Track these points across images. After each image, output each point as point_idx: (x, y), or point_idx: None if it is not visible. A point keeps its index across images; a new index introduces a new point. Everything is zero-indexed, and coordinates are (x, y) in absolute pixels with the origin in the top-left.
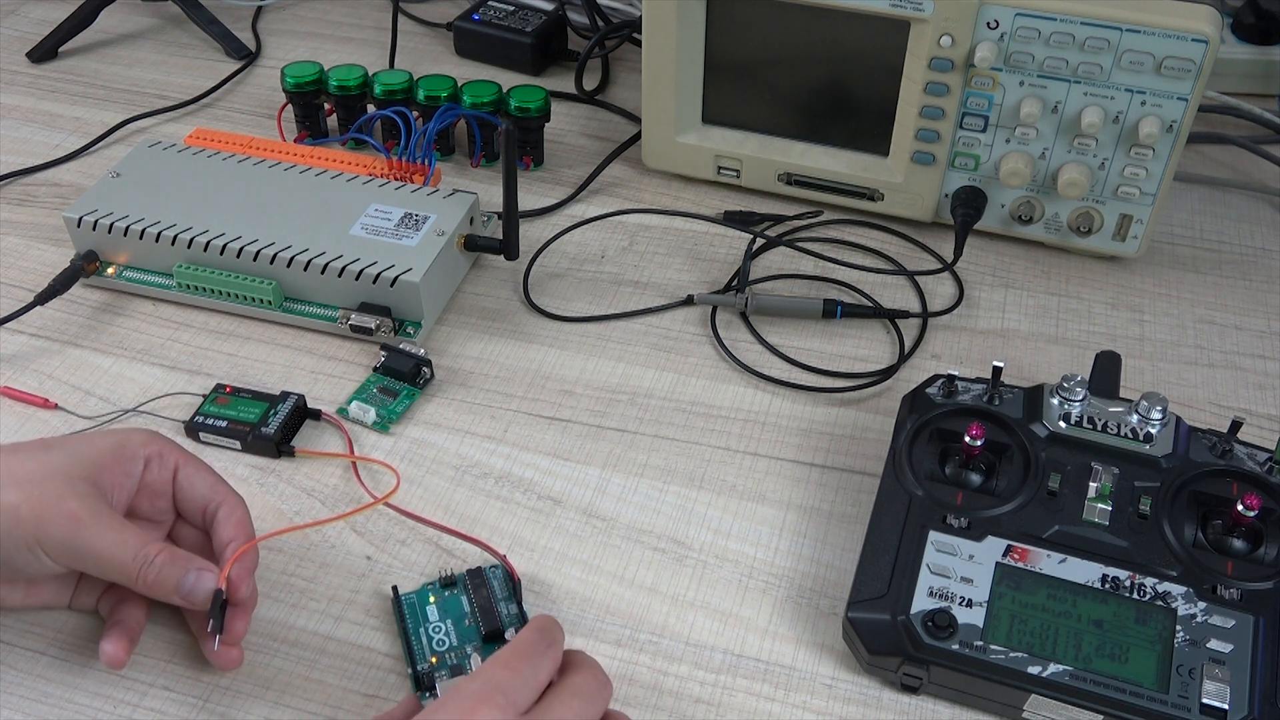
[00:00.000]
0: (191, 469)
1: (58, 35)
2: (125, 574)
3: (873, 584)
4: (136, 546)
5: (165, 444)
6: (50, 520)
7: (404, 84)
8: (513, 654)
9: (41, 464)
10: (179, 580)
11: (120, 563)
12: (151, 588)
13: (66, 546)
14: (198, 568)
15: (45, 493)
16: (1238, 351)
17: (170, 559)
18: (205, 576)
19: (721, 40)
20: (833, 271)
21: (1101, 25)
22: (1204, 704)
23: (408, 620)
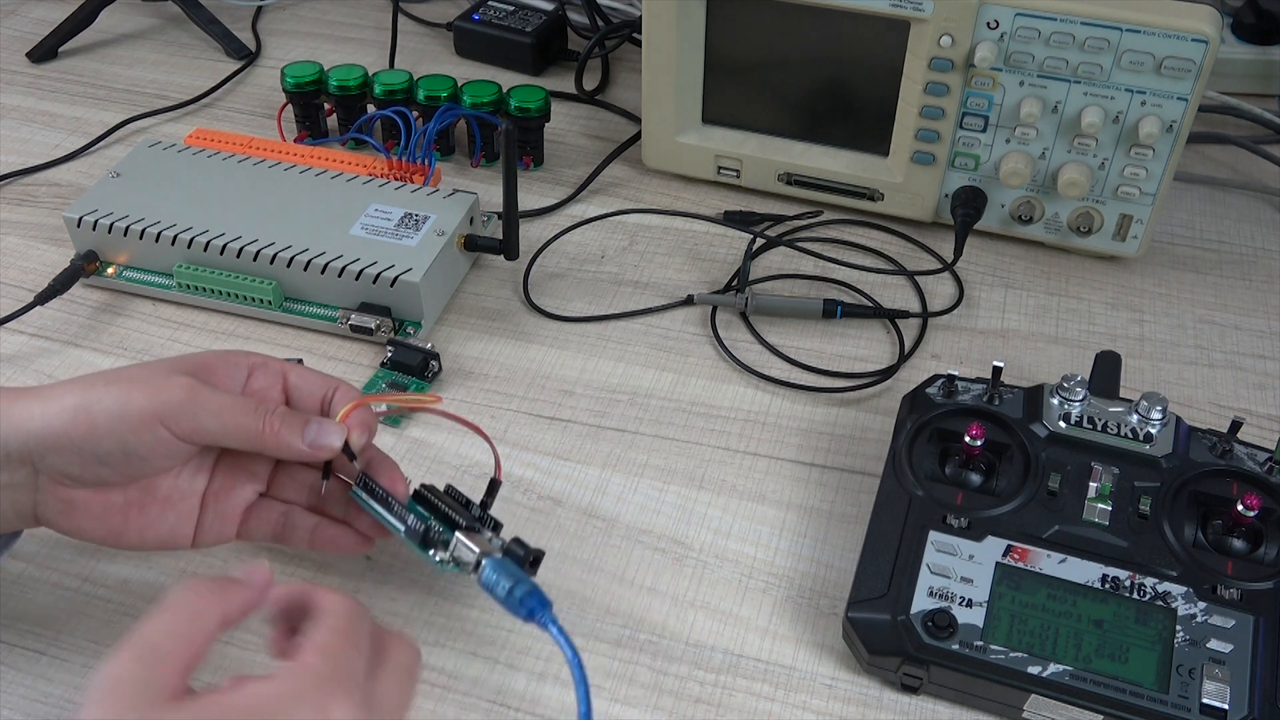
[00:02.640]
0: (300, 370)
1: (58, 35)
2: (251, 427)
3: (873, 584)
4: (254, 402)
5: (267, 356)
6: (165, 393)
7: (404, 84)
8: (342, 636)
9: (140, 366)
10: (304, 427)
11: (244, 415)
12: (279, 436)
13: (186, 411)
14: (316, 419)
15: (153, 375)
16: (1238, 351)
17: (290, 411)
18: (327, 422)
19: (721, 40)
20: (833, 271)
21: (1101, 25)
22: (1204, 704)
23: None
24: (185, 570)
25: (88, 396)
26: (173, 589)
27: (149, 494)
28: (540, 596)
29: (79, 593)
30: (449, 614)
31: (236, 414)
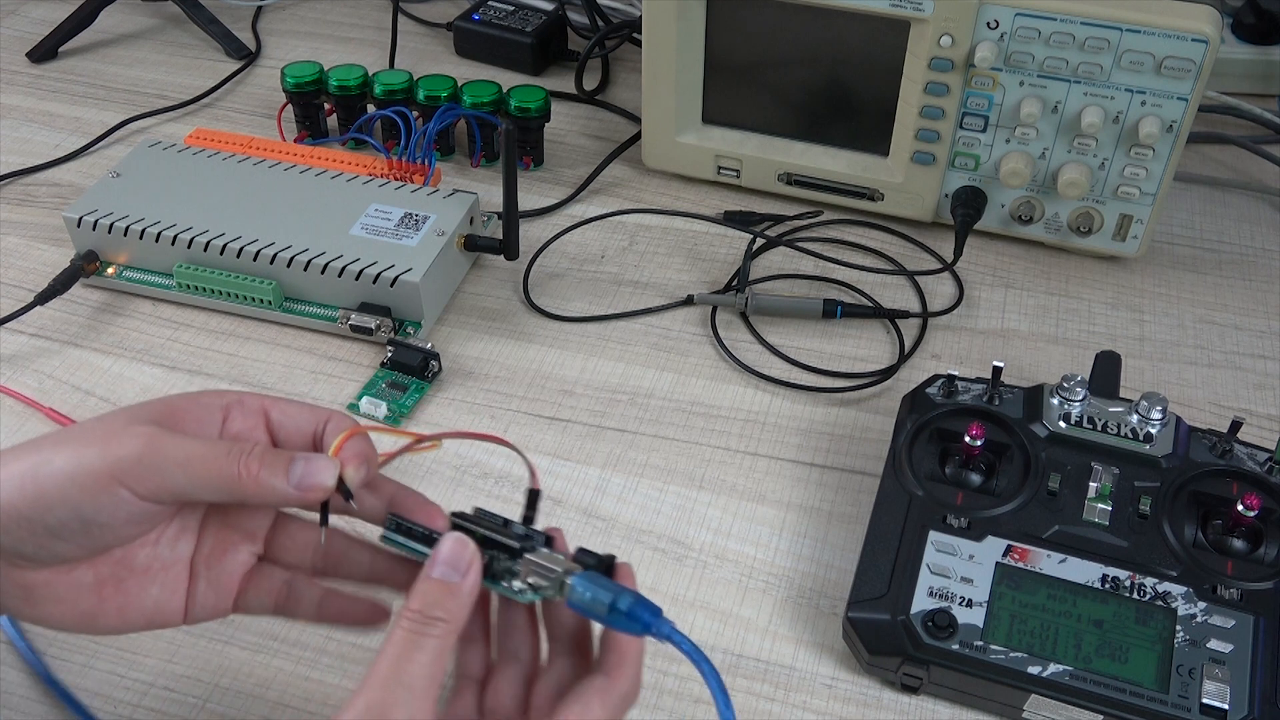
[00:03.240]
0: (283, 404)
1: (58, 35)
2: (225, 474)
3: (873, 584)
4: (227, 444)
5: (244, 393)
6: (120, 447)
7: (404, 84)
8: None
9: (95, 421)
10: (289, 467)
11: (215, 461)
12: (259, 482)
13: (147, 465)
14: (304, 457)
15: (108, 429)
16: (1238, 351)
17: (272, 451)
18: (317, 459)
19: (721, 40)
20: (833, 271)
21: (1101, 25)
22: (1204, 704)
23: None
24: None
25: (34, 460)
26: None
27: (124, 567)
28: (648, 604)
29: None
30: None
31: (206, 461)
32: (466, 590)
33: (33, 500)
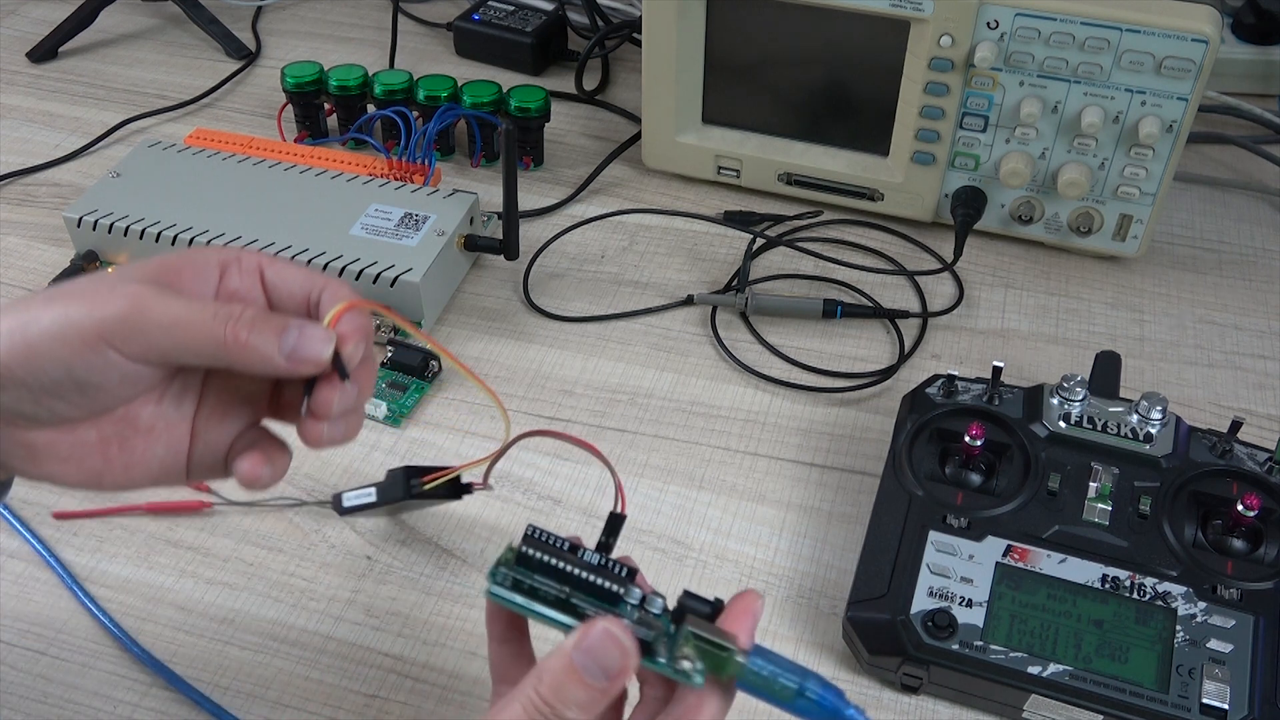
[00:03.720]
0: (280, 265)
1: (58, 35)
2: (211, 336)
3: (873, 584)
4: (216, 306)
5: (241, 251)
6: (106, 306)
7: (404, 84)
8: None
9: (86, 279)
10: (280, 336)
11: (202, 325)
12: (247, 349)
13: (132, 326)
14: (298, 324)
15: (99, 287)
16: (1238, 351)
17: (263, 314)
18: (310, 328)
19: (721, 40)
20: (833, 271)
21: (1101, 25)
22: (1204, 704)
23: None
24: (186, 570)
25: (23, 318)
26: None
27: (128, 426)
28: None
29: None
30: (449, 614)
31: (193, 325)
32: (607, 696)
33: (23, 359)
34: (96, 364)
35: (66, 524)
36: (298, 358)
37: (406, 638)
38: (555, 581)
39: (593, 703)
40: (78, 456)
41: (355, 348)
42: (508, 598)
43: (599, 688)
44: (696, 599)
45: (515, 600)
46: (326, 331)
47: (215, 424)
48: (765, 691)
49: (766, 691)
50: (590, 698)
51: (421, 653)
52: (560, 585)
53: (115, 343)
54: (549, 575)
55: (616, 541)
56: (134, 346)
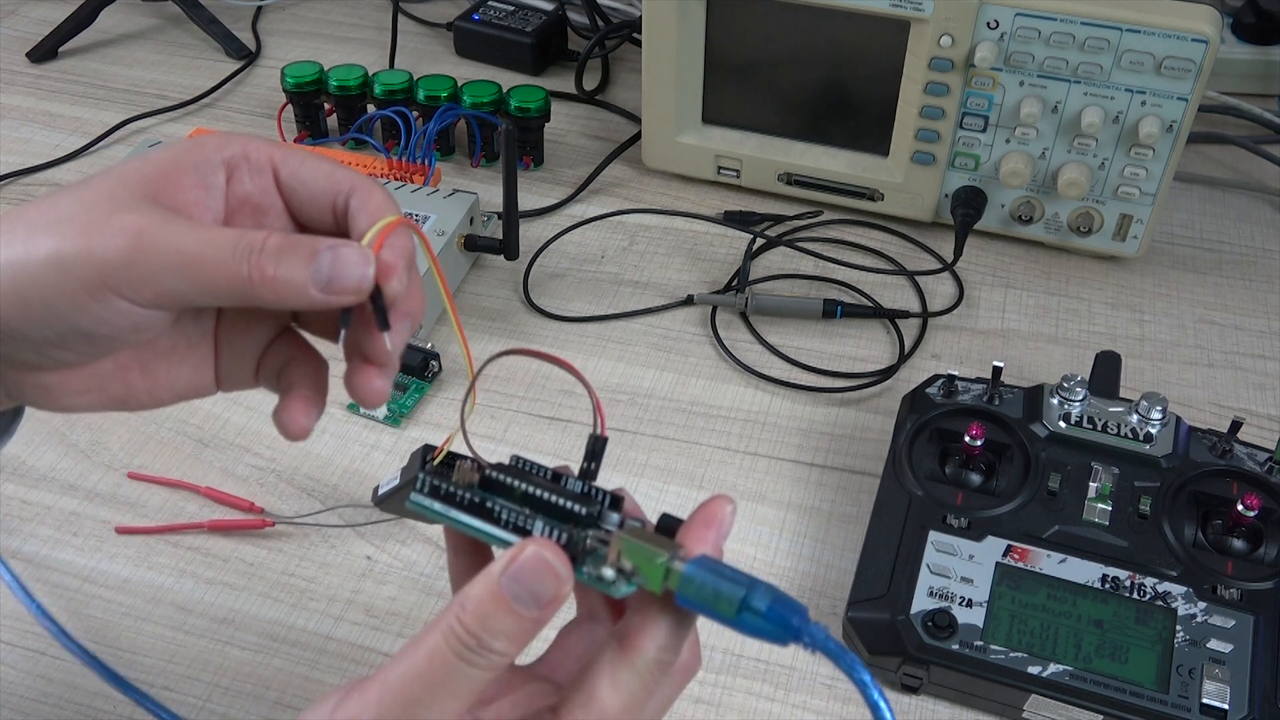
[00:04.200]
0: (296, 162)
1: (58, 35)
2: (232, 275)
3: (873, 584)
4: (234, 236)
5: (250, 141)
6: (104, 245)
7: (404, 84)
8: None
9: (76, 198)
10: (311, 264)
11: (218, 261)
12: (275, 284)
13: (137, 270)
14: (329, 245)
15: (90, 220)
16: (1238, 351)
17: (289, 240)
18: (345, 251)
19: (721, 40)
20: (833, 271)
21: (1101, 25)
22: (1204, 704)
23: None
24: (186, 570)
25: (8, 258)
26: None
27: (148, 350)
28: (790, 601)
29: (79, 593)
30: None
31: (209, 263)
32: (539, 625)
33: (18, 313)
34: (103, 314)
35: (66, 522)
36: (335, 287)
37: (406, 638)
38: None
39: (522, 633)
40: (96, 388)
41: (399, 278)
42: (428, 506)
43: (530, 617)
44: (676, 521)
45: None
46: (364, 251)
47: (240, 336)
48: (709, 606)
49: (710, 607)
50: (520, 628)
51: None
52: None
53: (122, 290)
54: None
55: (600, 466)
56: (144, 292)
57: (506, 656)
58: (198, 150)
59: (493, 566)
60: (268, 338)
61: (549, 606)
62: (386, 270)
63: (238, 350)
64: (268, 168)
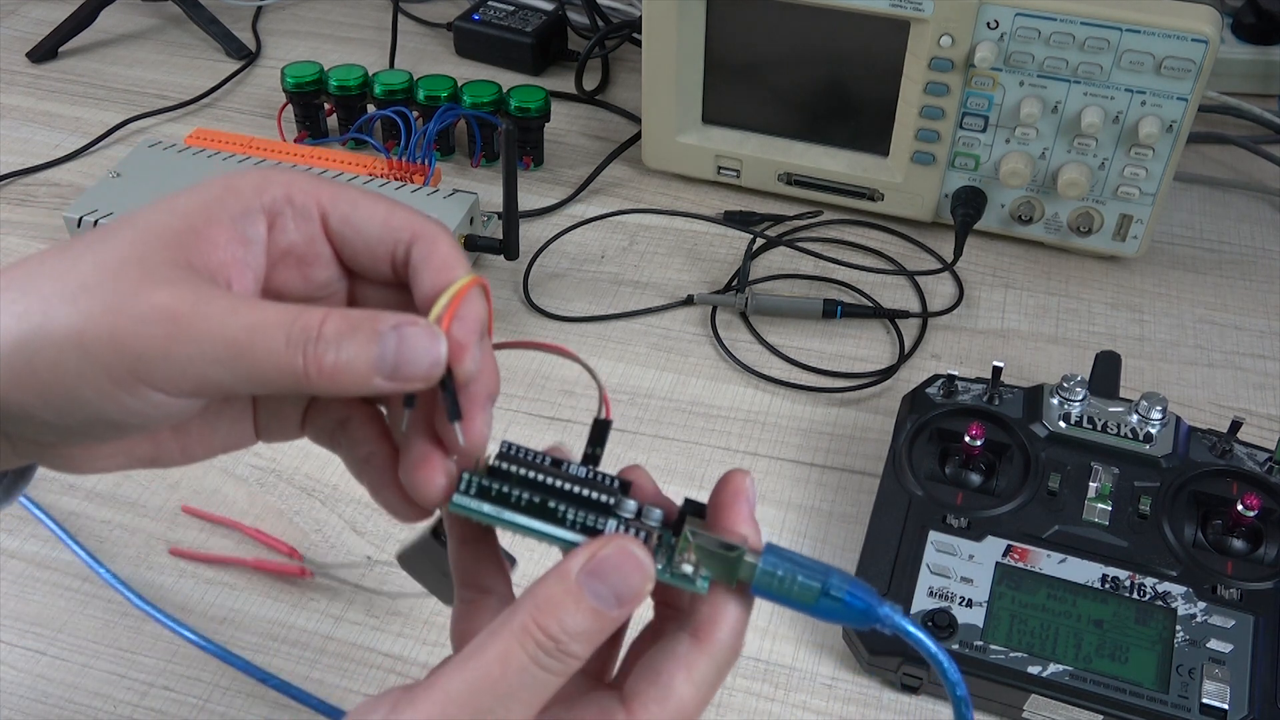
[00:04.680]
0: (348, 204)
1: (58, 35)
2: (284, 366)
3: (873, 584)
4: (286, 319)
5: (294, 182)
6: (135, 333)
7: (404, 84)
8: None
9: (98, 260)
10: (375, 349)
11: (269, 352)
12: (334, 376)
13: (174, 362)
14: (393, 324)
15: (116, 293)
16: (1238, 351)
17: (347, 322)
18: (412, 332)
19: (721, 40)
20: (833, 271)
21: (1101, 25)
22: (1204, 704)
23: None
24: (186, 570)
25: (27, 330)
26: None
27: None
28: (863, 584)
29: (79, 593)
30: (449, 614)
31: (260, 354)
32: (616, 625)
33: (38, 398)
34: (133, 405)
35: (66, 523)
36: (402, 374)
37: (406, 638)
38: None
39: (600, 633)
40: (125, 452)
41: (471, 357)
42: (475, 508)
43: (610, 616)
44: (700, 505)
45: (483, 511)
46: (433, 331)
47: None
48: (784, 596)
49: (785, 596)
50: (599, 627)
51: (421, 653)
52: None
53: (156, 382)
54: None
55: (604, 451)
56: (181, 385)
57: (580, 660)
58: (235, 198)
59: (568, 564)
60: (305, 400)
61: (630, 604)
62: (458, 350)
63: (279, 404)
64: (315, 213)
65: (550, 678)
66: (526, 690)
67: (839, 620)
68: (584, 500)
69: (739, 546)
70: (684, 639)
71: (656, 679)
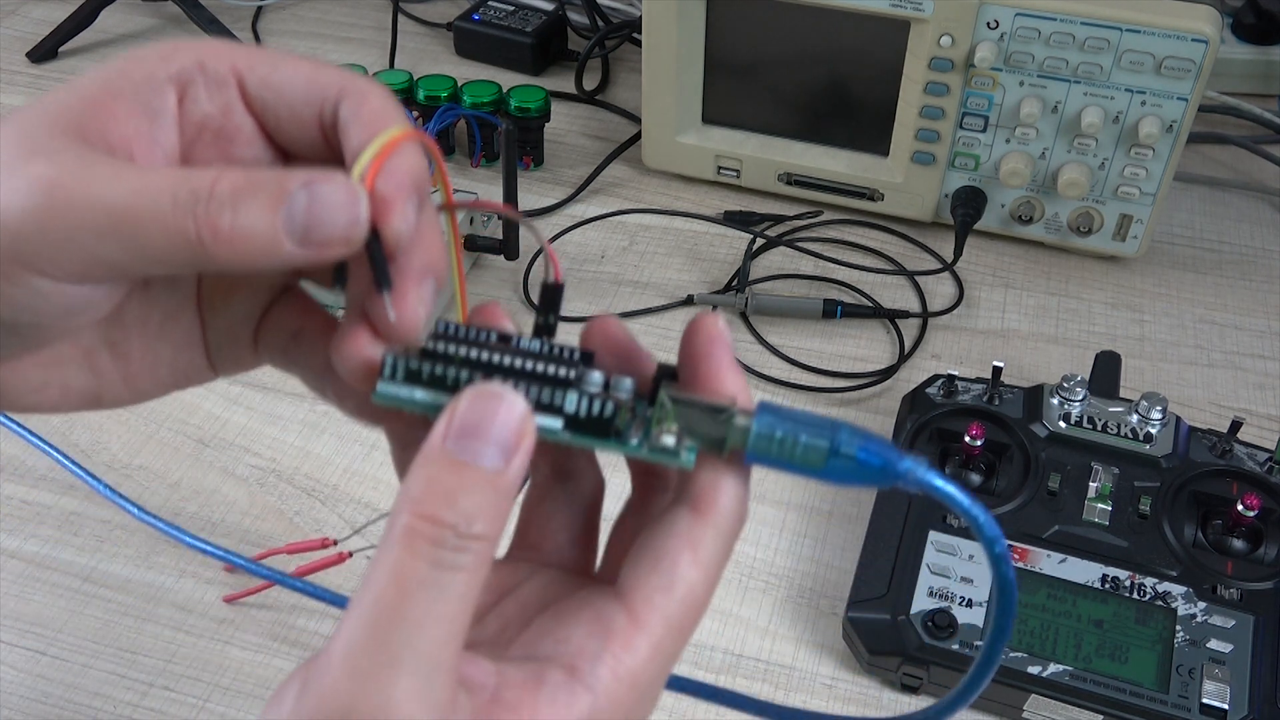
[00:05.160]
0: (267, 66)
1: (58, 35)
2: (174, 234)
3: (873, 584)
4: (172, 180)
5: (205, 47)
6: (6, 206)
7: (404, 84)
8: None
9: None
10: (279, 209)
11: (153, 216)
12: (233, 242)
13: (51, 237)
14: (304, 181)
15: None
16: (1238, 351)
17: (247, 181)
18: (325, 189)
19: (721, 40)
20: (833, 271)
21: (1101, 25)
22: (1204, 704)
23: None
24: (186, 570)
25: None
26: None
27: (113, 328)
28: (882, 440)
29: (79, 593)
30: None
31: (143, 221)
32: (515, 484)
33: None
34: (21, 298)
35: (66, 522)
36: (315, 237)
37: None
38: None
39: (499, 499)
40: (57, 381)
41: (402, 214)
42: (402, 396)
43: (503, 475)
44: (666, 366)
45: (415, 398)
46: (349, 186)
47: (226, 300)
48: (785, 460)
49: (786, 460)
50: (495, 493)
51: None
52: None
53: (38, 264)
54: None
55: (558, 319)
56: (66, 265)
57: (490, 541)
58: (138, 67)
59: (430, 440)
60: (263, 299)
61: (516, 452)
62: (384, 207)
63: (227, 319)
64: (230, 80)
65: (463, 576)
66: (439, 603)
67: (853, 482)
68: (539, 377)
69: (727, 407)
70: (682, 514)
71: (657, 564)
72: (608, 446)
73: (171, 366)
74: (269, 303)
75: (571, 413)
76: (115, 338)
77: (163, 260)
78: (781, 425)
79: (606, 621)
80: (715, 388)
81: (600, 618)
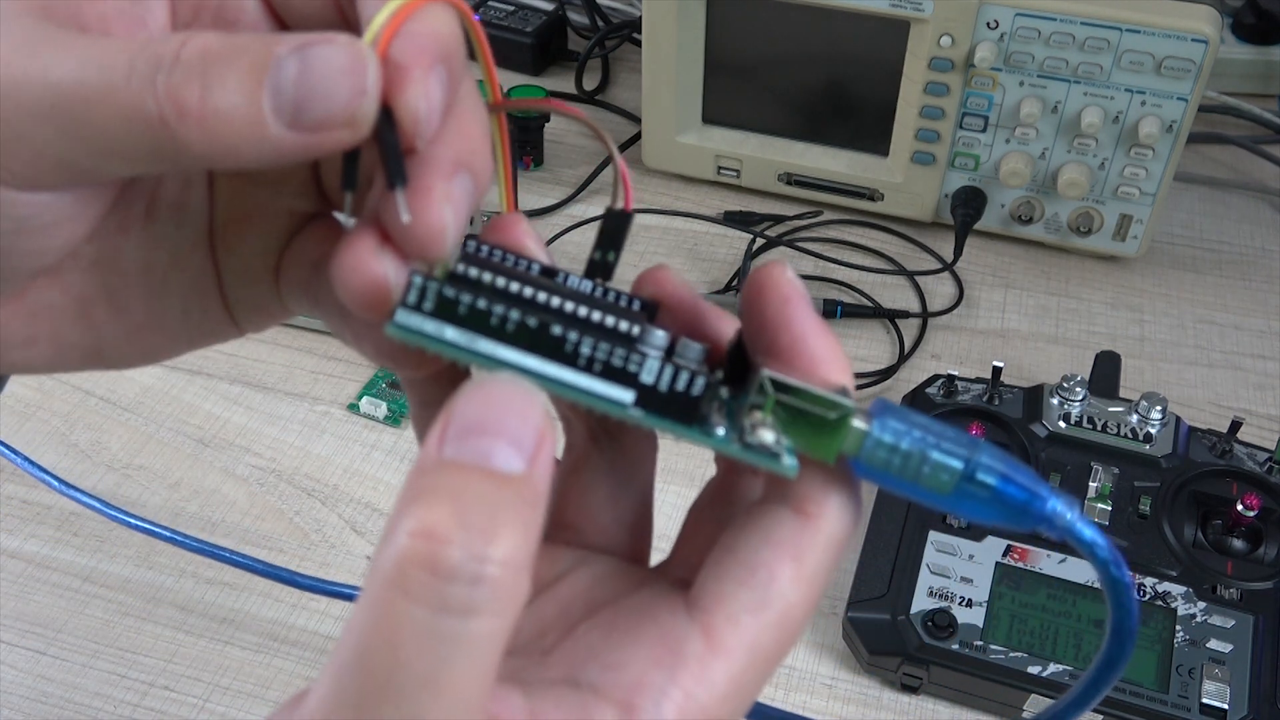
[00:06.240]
0: None
1: None
2: (132, 112)
3: (873, 584)
4: (130, 49)
5: None
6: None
7: None
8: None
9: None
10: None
11: (106, 90)
12: (204, 122)
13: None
14: (296, 45)
15: None
16: (1238, 351)
17: (223, 44)
18: (322, 52)
19: (721, 40)
20: (832, 271)
21: (1101, 25)
22: (1204, 704)
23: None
24: (186, 570)
25: None
26: None
27: (109, 270)
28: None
29: (79, 593)
30: None
31: (94, 97)
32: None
33: None
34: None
35: (66, 522)
36: (308, 118)
37: None
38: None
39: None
40: (46, 334)
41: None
42: (428, 332)
43: (516, 479)
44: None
45: (445, 338)
46: (355, 48)
47: (241, 234)
48: (902, 479)
49: (903, 479)
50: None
51: None
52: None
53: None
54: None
55: (619, 257)
56: (9, 162)
57: (513, 568)
58: None
59: (426, 447)
60: (284, 228)
61: (541, 450)
62: (399, 76)
63: (243, 257)
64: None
65: (480, 623)
66: (448, 665)
67: (982, 518)
68: (596, 327)
69: (843, 402)
70: (785, 517)
71: (750, 576)
72: (688, 435)
73: (183, 319)
74: (290, 234)
75: (650, 384)
76: (113, 284)
77: (122, 152)
78: (909, 434)
79: (675, 644)
80: (807, 367)
81: (667, 638)
